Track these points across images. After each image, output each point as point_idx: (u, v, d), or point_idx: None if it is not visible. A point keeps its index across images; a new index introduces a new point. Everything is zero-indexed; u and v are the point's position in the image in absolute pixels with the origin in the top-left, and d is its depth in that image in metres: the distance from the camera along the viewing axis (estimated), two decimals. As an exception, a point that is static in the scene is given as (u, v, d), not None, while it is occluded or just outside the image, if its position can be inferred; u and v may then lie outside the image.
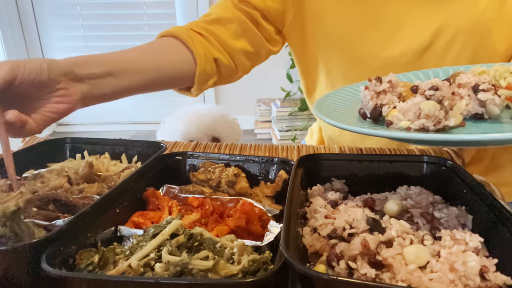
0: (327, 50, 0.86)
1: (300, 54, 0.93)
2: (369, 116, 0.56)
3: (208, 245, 0.44)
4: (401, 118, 0.51)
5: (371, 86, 0.56)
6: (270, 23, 0.85)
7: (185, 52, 0.76)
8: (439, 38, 0.77)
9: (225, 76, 0.85)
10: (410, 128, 0.50)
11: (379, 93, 0.56)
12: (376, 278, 0.40)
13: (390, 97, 0.55)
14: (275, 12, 0.84)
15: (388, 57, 0.80)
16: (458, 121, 0.51)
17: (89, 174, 0.63)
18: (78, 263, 0.42)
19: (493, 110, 0.51)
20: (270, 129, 3.32)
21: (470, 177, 0.53)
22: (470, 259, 0.40)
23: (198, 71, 0.77)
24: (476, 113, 0.53)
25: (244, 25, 0.82)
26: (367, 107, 0.57)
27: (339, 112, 0.60)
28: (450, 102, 0.51)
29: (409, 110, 0.50)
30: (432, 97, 0.50)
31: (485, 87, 0.52)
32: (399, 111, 0.52)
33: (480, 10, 0.74)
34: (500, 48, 0.77)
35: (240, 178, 0.62)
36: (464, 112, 0.52)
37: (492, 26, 0.75)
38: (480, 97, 0.51)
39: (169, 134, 1.41)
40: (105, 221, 0.50)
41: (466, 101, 0.53)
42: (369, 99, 0.56)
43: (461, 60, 0.78)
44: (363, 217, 0.48)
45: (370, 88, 0.56)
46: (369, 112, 0.56)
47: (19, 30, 3.21)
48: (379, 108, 0.55)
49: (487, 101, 0.51)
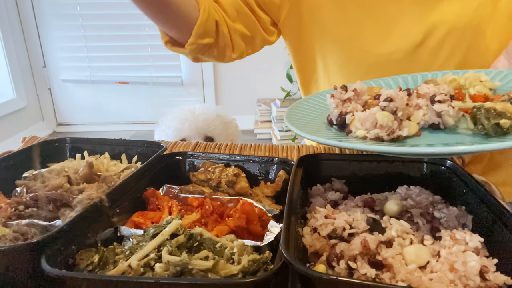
0: (324, 45, 0.87)
1: (296, 48, 0.93)
2: (335, 123, 0.57)
3: (208, 245, 0.44)
4: (359, 127, 0.53)
5: (337, 94, 0.58)
6: (265, 13, 0.85)
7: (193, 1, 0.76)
8: (431, 36, 0.78)
9: (221, 46, 0.83)
10: (366, 137, 0.52)
11: (345, 101, 0.57)
12: (376, 278, 0.40)
13: (354, 105, 0.56)
14: (270, 4, 0.84)
15: (382, 54, 0.81)
16: (413, 131, 0.52)
17: (89, 174, 0.63)
18: (78, 263, 0.42)
19: (448, 121, 0.53)
20: (270, 129, 3.32)
21: (470, 177, 0.53)
22: (470, 259, 0.40)
23: (199, 21, 0.76)
24: (433, 123, 0.54)
25: (240, 8, 0.82)
26: (333, 115, 0.58)
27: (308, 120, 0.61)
28: (407, 113, 0.53)
29: (367, 120, 0.52)
30: (386, 108, 0.51)
31: (441, 98, 0.53)
32: (357, 120, 0.53)
33: (473, 9, 0.75)
34: (493, 47, 0.77)
35: (240, 178, 0.62)
36: (421, 122, 0.54)
37: (484, 25, 0.76)
38: (435, 108, 0.53)
39: (164, 131, 1.42)
40: (105, 221, 0.50)
41: (424, 111, 0.54)
42: (334, 107, 0.57)
43: (454, 59, 0.79)
44: (363, 217, 0.48)
45: (335, 96, 0.58)
46: (335, 120, 0.57)
47: (19, 30, 3.21)
48: (344, 115, 0.56)
49: (442, 112, 0.53)
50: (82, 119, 3.52)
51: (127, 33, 3.23)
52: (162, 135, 1.43)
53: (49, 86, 3.44)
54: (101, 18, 3.20)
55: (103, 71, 3.38)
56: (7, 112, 3.03)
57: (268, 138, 3.32)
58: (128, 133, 3.36)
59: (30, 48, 3.29)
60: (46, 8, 3.19)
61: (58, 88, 3.44)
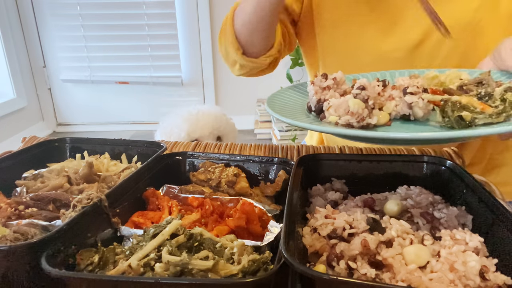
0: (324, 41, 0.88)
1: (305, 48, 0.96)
2: (313, 109, 0.59)
3: (208, 245, 0.44)
4: (333, 114, 0.54)
5: (317, 82, 0.60)
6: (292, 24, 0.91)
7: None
8: (430, 35, 0.78)
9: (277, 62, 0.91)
10: (337, 123, 0.53)
11: (324, 89, 0.59)
12: (376, 278, 0.40)
13: (332, 93, 0.58)
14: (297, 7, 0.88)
15: (381, 52, 0.81)
16: (383, 120, 0.54)
17: (89, 174, 0.63)
18: (78, 263, 0.42)
19: (417, 112, 0.54)
20: (270, 129, 3.32)
21: (470, 177, 0.53)
22: (470, 259, 0.40)
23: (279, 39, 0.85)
24: (404, 114, 0.56)
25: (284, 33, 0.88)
26: (312, 101, 0.60)
27: (288, 107, 0.63)
28: (379, 102, 0.55)
29: (340, 107, 0.53)
30: (358, 96, 0.53)
31: (413, 90, 0.55)
32: (331, 106, 0.55)
33: (473, 10, 0.75)
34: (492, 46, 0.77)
35: (240, 178, 0.62)
36: (393, 113, 0.56)
37: (485, 26, 0.76)
38: (406, 99, 0.54)
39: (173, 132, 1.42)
40: (105, 221, 0.50)
41: (397, 102, 0.56)
42: (314, 94, 0.59)
43: (452, 59, 0.79)
44: (363, 217, 0.48)
45: (315, 83, 0.60)
46: (313, 106, 0.59)
47: (19, 30, 3.21)
48: (321, 103, 0.58)
49: (412, 104, 0.54)
50: (82, 119, 3.52)
51: (127, 33, 3.23)
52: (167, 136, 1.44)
53: (49, 86, 3.44)
54: (101, 18, 3.20)
55: (103, 71, 3.38)
56: (7, 112, 3.03)
57: (268, 138, 3.32)
58: (128, 133, 3.36)
59: (30, 48, 3.29)
60: (46, 8, 3.19)
61: (58, 88, 3.44)
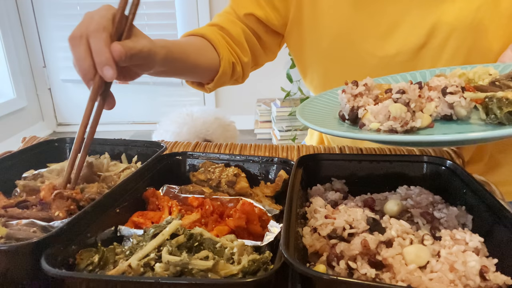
0: (325, 49, 0.86)
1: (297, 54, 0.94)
2: (347, 118, 0.58)
3: (208, 245, 0.44)
4: (372, 120, 0.54)
5: (348, 89, 0.59)
6: (272, 35, 0.90)
7: (214, 54, 0.82)
8: (433, 37, 0.78)
9: (234, 79, 0.90)
10: (380, 130, 0.52)
11: (356, 96, 0.58)
12: (376, 278, 0.40)
13: (366, 100, 0.57)
14: (277, 20, 0.87)
15: (384, 56, 0.81)
16: (426, 122, 0.53)
17: (89, 174, 0.63)
18: (78, 263, 0.42)
19: (460, 112, 0.54)
20: (270, 129, 3.32)
21: (470, 177, 0.53)
22: (470, 259, 0.40)
23: (220, 73, 0.83)
24: (445, 115, 0.55)
25: (248, 38, 0.87)
26: (345, 110, 0.59)
27: (320, 116, 0.62)
28: (419, 105, 0.54)
29: (380, 113, 0.53)
30: (399, 100, 0.52)
31: (452, 89, 0.54)
32: (370, 113, 0.54)
33: (474, 9, 0.75)
34: (496, 46, 0.77)
35: (240, 178, 0.62)
36: (433, 114, 0.55)
37: (486, 25, 0.76)
38: (447, 99, 0.54)
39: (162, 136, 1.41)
40: (105, 221, 0.50)
41: (436, 103, 0.55)
42: (346, 102, 0.58)
43: (456, 59, 0.78)
44: (363, 217, 0.48)
45: (347, 91, 0.59)
46: (347, 114, 0.58)
47: (19, 30, 3.21)
48: (355, 110, 0.57)
49: (454, 103, 0.53)
50: (82, 119, 3.52)
51: (127, 33, 3.22)
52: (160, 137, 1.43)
53: (49, 86, 3.44)
54: (101, 18, 3.20)
55: (103, 71, 3.38)
56: (7, 112, 3.03)
57: (268, 138, 3.32)
58: (128, 133, 3.36)
59: (30, 48, 3.29)
60: (46, 8, 3.19)
61: (58, 88, 3.44)
